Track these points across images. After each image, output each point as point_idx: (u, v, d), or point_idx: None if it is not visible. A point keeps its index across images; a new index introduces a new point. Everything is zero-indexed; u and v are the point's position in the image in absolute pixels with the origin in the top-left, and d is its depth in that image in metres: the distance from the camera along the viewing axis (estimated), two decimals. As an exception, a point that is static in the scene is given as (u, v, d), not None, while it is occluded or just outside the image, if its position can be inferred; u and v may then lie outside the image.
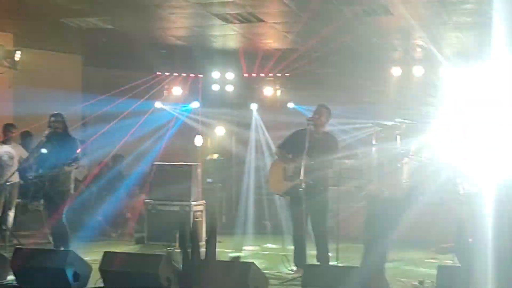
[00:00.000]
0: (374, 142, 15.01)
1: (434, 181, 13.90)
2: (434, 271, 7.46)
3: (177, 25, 13.36)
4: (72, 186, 10.94)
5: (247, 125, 16.75)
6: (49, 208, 10.93)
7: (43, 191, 10.93)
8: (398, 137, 14.91)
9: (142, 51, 14.54)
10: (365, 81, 15.81)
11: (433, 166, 14.14)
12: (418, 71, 15.41)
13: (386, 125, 15.16)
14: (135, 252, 11.58)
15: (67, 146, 10.67)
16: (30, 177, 11.30)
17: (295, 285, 8.92)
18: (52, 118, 10.78)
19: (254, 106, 16.70)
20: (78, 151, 10.83)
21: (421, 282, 9.15)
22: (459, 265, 9.41)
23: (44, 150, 10.73)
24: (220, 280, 8.23)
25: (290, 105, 16.19)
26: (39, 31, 13.71)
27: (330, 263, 9.74)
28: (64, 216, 10.70)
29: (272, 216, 14.60)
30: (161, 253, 8.98)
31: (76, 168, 11.16)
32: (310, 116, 10.02)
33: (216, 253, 7.14)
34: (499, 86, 14.59)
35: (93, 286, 8.75)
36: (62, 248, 10.41)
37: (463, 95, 15.23)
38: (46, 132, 10.77)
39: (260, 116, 16.71)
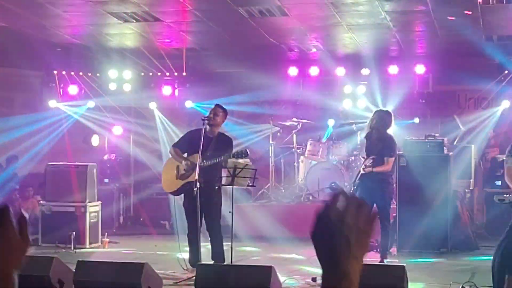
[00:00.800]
0: (271, 141, 15.20)
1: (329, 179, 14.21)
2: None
3: (72, 23, 13.19)
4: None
5: (145, 124, 16.62)
6: None
7: None
8: (295, 136, 15.16)
9: (37, 49, 14.26)
10: (263, 80, 15.94)
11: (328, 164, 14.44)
12: (314, 71, 15.62)
13: (283, 124, 15.38)
14: (27, 254, 11.30)
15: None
16: None
17: (189, 285, 8.92)
18: None
19: (153, 105, 16.59)
20: None
21: (314, 279, 9.29)
22: None
23: None
24: (113, 281, 8.17)
25: (188, 104, 16.15)
26: None
27: (225, 262, 9.76)
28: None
29: (171, 215, 14.53)
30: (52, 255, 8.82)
31: None
32: (205, 115, 10.01)
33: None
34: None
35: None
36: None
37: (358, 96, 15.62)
38: None
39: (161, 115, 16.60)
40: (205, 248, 9.95)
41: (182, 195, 10.04)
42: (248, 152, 9.67)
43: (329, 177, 14.18)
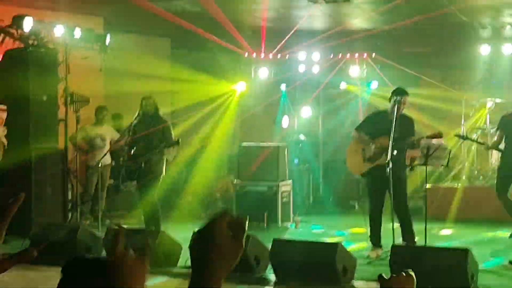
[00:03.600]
0: (462, 122, 14.83)
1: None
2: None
3: (263, 6, 13.43)
4: (164, 167, 11.13)
5: (334, 105, 16.70)
6: (142, 189, 11.11)
7: (137, 173, 11.08)
8: (488, 116, 14.71)
9: (229, 33, 14.66)
10: (453, 60, 15.61)
11: None
12: (507, 49, 15.08)
13: (477, 105, 14.98)
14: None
15: (159, 128, 10.89)
16: (125, 159, 11.41)
17: (383, 265, 8.91)
18: (144, 101, 11.01)
19: (343, 85, 16.61)
20: (172, 134, 11.07)
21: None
22: None
23: (136, 132, 10.99)
24: (308, 260, 8.33)
25: (374, 85, 16.10)
26: (128, 14, 13.95)
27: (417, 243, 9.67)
28: (156, 196, 10.92)
29: (360, 196, 14.61)
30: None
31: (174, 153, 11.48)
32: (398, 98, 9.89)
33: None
34: None
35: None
36: (153, 228, 10.62)
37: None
38: (138, 114, 11.03)
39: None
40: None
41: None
42: (442, 135, 9.53)
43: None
